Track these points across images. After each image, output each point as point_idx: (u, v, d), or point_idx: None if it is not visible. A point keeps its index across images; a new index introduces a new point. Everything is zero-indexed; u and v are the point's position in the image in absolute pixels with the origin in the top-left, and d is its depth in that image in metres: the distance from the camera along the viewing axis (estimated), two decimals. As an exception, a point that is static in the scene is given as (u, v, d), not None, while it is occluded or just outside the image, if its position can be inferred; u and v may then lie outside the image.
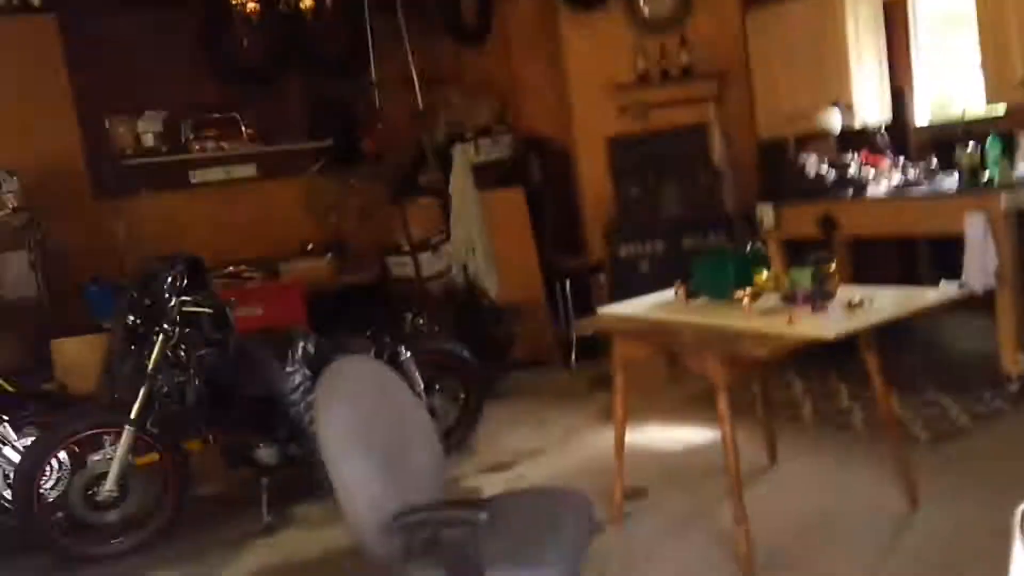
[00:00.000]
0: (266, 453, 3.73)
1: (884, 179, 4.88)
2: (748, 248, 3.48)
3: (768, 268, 3.42)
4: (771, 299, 3.18)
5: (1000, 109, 4.60)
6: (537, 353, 6.43)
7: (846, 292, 3.14)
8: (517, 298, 6.28)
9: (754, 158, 6.38)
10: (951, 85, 5.06)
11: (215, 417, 3.76)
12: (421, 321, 5.19)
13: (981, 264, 4.17)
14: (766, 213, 5.33)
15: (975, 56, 4.55)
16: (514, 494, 2.89)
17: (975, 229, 4.16)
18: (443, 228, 6.54)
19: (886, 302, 2.92)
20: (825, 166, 5.10)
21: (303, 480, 3.90)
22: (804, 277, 3.15)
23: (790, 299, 3.14)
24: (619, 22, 6.37)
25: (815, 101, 5.32)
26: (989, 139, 4.38)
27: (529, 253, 6.50)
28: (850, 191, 4.88)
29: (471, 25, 7.09)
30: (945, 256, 5.20)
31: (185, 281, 3.75)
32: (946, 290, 2.96)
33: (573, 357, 6.20)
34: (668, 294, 3.71)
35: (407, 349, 4.43)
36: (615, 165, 6.48)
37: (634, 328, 3.40)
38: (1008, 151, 4.42)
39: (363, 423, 2.00)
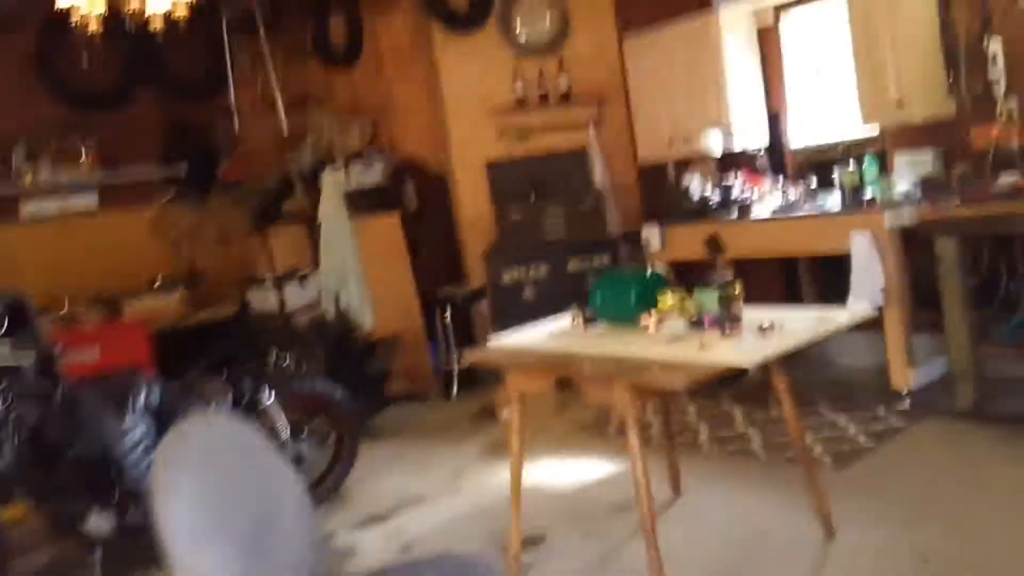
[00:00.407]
0: (99, 521, 3.16)
1: (767, 200, 4.84)
2: (649, 270, 3.26)
3: (671, 291, 3.22)
4: (677, 324, 2.97)
5: (875, 129, 4.64)
6: (416, 386, 6.08)
7: (751, 314, 2.98)
8: (394, 329, 5.91)
9: (635, 180, 6.29)
10: (827, 107, 5.10)
11: (37, 480, 3.17)
12: (286, 360, 4.73)
13: (869, 282, 4.14)
14: (652, 235, 5.20)
15: (850, 78, 4.58)
16: (399, 570, 2.48)
17: (861, 248, 4.14)
18: (312, 257, 6.09)
19: (797, 325, 2.76)
20: (709, 188, 5.03)
21: (144, 551, 3.35)
22: (711, 300, 2.97)
23: (697, 323, 2.94)
24: (496, 44, 6.17)
25: (695, 124, 5.26)
26: (866, 159, 4.41)
27: (406, 281, 6.14)
28: (735, 212, 4.81)
29: (340, 46, 6.73)
30: (825, 274, 5.25)
31: (3, 326, 3.18)
32: (856, 310, 2.83)
33: (454, 389, 5.87)
34: (563, 321, 3.46)
35: (270, 392, 3.98)
36: (495, 189, 6.24)
37: (530, 360, 3.11)
38: (884, 170, 4.46)
39: (216, 504, 1.57)
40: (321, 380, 4.52)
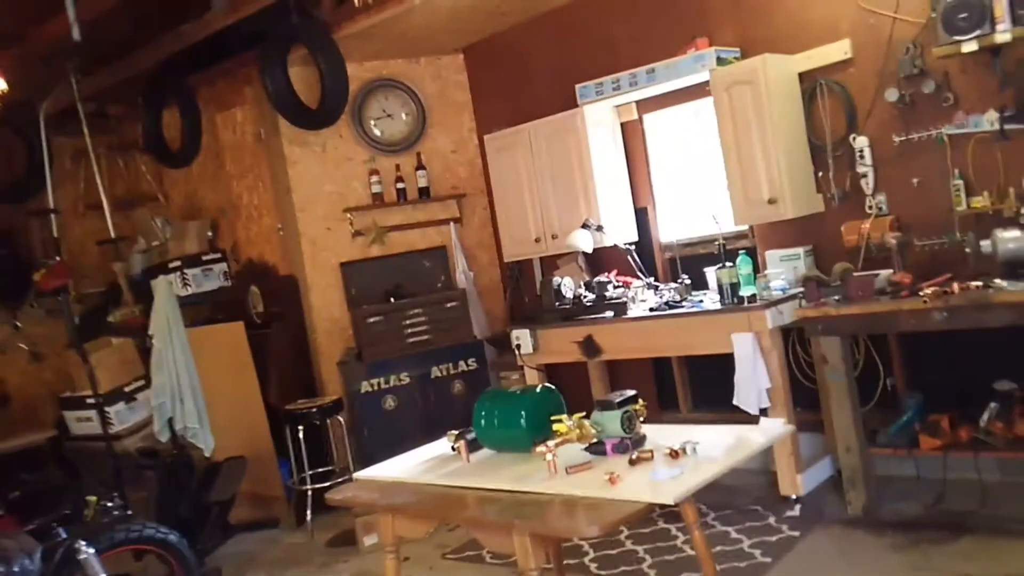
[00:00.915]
0: None
1: (643, 298, 4.65)
2: (539, 388, 2.90)
3: (565, 411, 2.86)
4: (574, 450, 2.61)
5: (744, 224, 4.59)
6: (265, 512, 5.42)
7: (655, 434, 2.67)
8: (238, 450, 5.23)
9: (500, 279, 6.01)
10: (695, 202, 5.05)
11: None
12: (111, 500, 4.01)
13: (754, 384, 3.97)
14: (523, 338, 4.88)
15: (718, 173, 4.53)
16: None
17: (744, 348, 3.98)
18: (142, 374, 5.36)
19: (711, 448, 2.46)
20: (582, 287, 4.80)
21: None
22: (612, 422, 2.63)
23: (598, 450, 2.60)
24: (349, 141, 5.82)
25: (562, 221, 5.07)
26: (740, 257, 4.31)
27: (252, 396, 5.51)
28: (611, 312, 4.58)
29: (176, 141, 6.17)
30: (698, 373, 5.09)
31: None
32: (772, 430, 2.57)
33: (308, 513, 5.23)
34: (440, 447, 3.03)
35: (88, 543, 3.29)
36: (351, 291, 5.78)
37: (408, 500, 2.64)
38: (756, 267, 4.38)
39: None
40: (150, 523, 3.84)
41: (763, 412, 4.01)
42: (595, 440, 2.63)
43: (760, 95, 4.16)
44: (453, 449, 2.91)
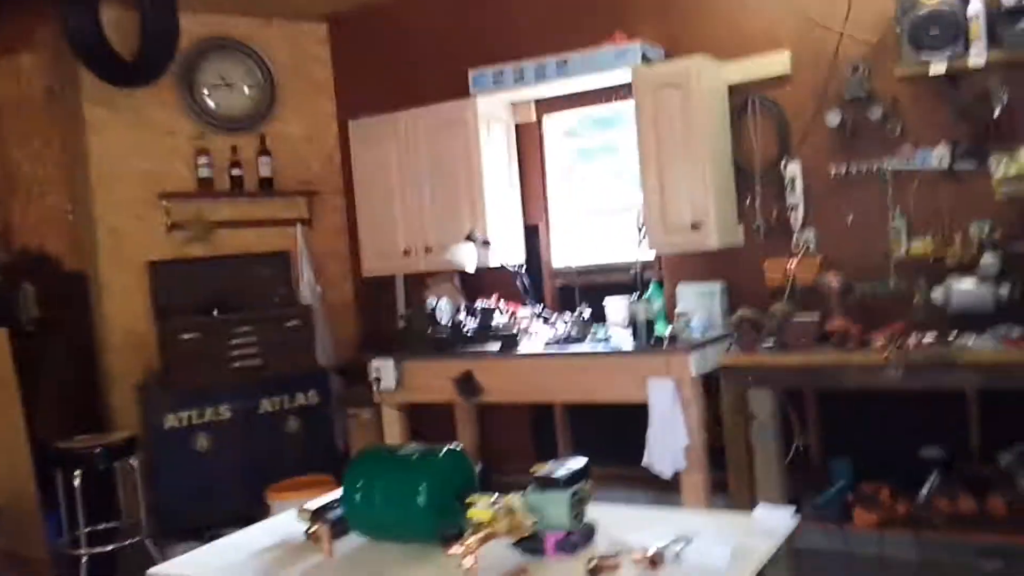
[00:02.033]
0: None
1: (534, 331, 3.92)
2: (443, 451, 2.06)
3: (477, 485, 2.06)
4: (499, 548, 1.81)
5: (650, 255, 3.98)
6: None
7: (610, 522, 1.93)
8: (-10, 501, 3.99)
9: (355, 298, 5.08)
10: (594, 223, 4.40)
11: None
12: None
13: (671, 441, 3.32)
14: (384, 370, 4.00)
15: (631, 194, 3.90)
16: None
17: (662, 398, 3.33)
18: None
19: (704, 554, 1.72)
20: (462, 313, 3.99)
21: None
22: (556, 506, 1.86)
23: (533, 547, 1.82)
24: (173, 109, 4.70)
25: (441, 233, 4.24)
26: (652, 288, 3.69)
27: (13, 428, 4.24)
28: (497, 345, 3.81)
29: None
30: (582, 422, 4.42)
31: None
32: (776, 520, 1.88)
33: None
34: (284, 523, 2.15)
35: None
36: (160, 300, 4.63)
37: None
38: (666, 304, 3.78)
39: None
40: None
41: (675, 476, 3.38)
42: (529, 533, 1.84)
43: (691, 102, 3.57)
44: (307, 535, 2.02)
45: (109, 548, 4.15)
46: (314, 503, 2.14)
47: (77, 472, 4.10)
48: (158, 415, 4.45)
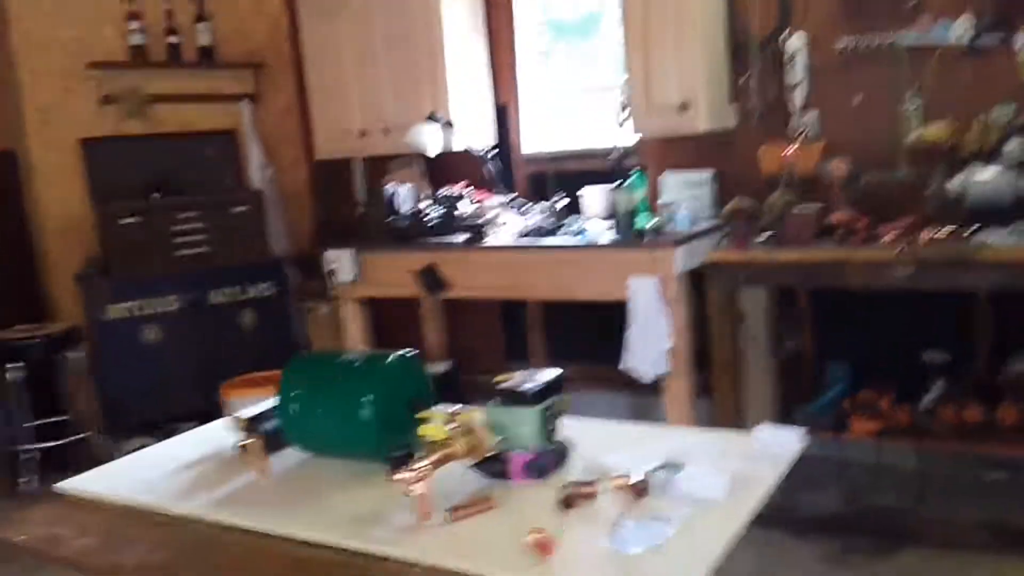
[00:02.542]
0: None
1: (503, 221, 3.58)
2: (392, 356, 1.76)
3: (432, 396, 1.76)
4: (457, 470, 1.54)
5: (631, 140, 3.61)
6: None
7: (581, 437, 1.67)
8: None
9: (309, 182, 4.68)
10: (570, 104, 4.00)
11: None
12: None
13: (652, 343, 3.05)
14: (341, 261, 3.66)
15: (614, 70, 3.50)
16: None
17: (644, 297, 3.04)
18: None
19: (696, 476, 1.45)
20: (425, 201, 3.64)
21: None
22: (525, 425, 1.58)
23: (495, 470, 1.55)
24: (100, -37, 4.17)
25: (400, 112, 3.83)
26: (634, 177, 3.34)
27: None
28: (464, 236, 3.48)
29: None
30: (559, 321, 4.16)
31: None
32: (788, 445, 1.61)
33: (29, 479, 3.82)
34: (218, 433, 1.86)
35: None
36: (96, 182, 4.23)
37: (142, 558, 1.44)
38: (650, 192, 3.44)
39: None
40: None
41: (656, 380, 3.13)
42: (491, 453, 1.56)
43: (685, -38, 3.14)
44: (241, 448, 1.73)
45: (54, 444, 3.90)
46: (250, 410, 1.86)
47: (16, 365, 3.81)
48: (100, 306, 4.12)
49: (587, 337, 3.94)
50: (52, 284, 4.29)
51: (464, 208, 3.59)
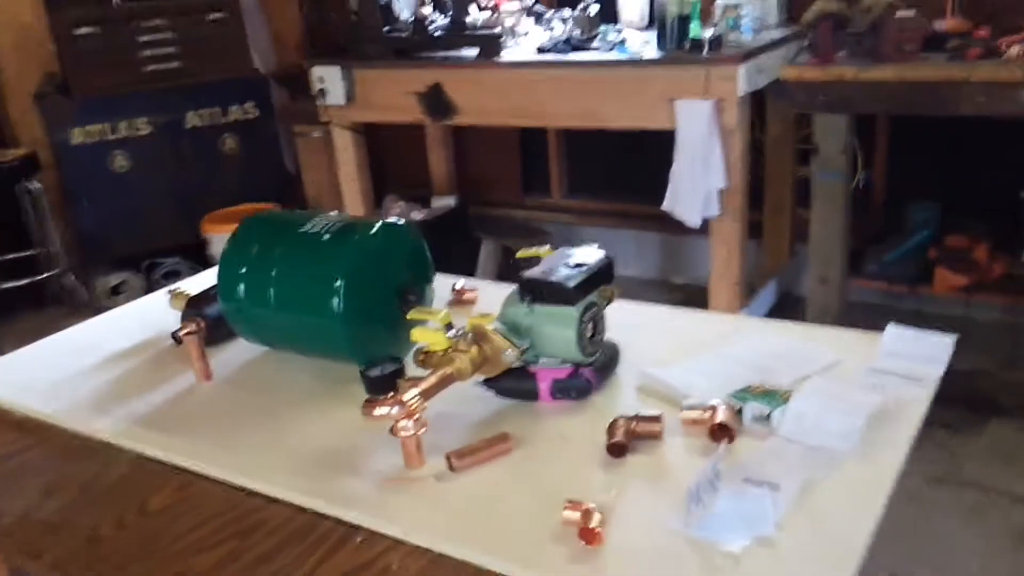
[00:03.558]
0: None
1: (524, 32, 2.97)
2: (393, 224, 1.25)
3: (431, 277, 1.28)
4: (463, 391, 1.08)
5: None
6: None
7: (624, 334, 1.20)
8: None
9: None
10: None
11: None
12: None
13: (702, 181, 2.53)
14: (330, 79, 3.09)
15: None
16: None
17: (696, 126, 2.48)
18: None
19: (821, 425, 0.98)
20: (428, 7, 3.00)
21: None
22: (560, 329, 1.08)
23: (517, 389, 1.08)
24: None
25: None
26: (687, -29, 2.68)
27: None
28: (474, 50, 2.87)
29: None
30: (581, 147, 3.63)
31: None
32: (934, 359, 1.12)
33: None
34: (160, 315, 1.39)
35: None
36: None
37: (26, 508, 1.01)
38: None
39: None
40: None
41: (704, 224, 2.64)
42: (513, 365, 1.07)
43: None
44: (175, 339, 1.25)
45: (23, 282, 3.53)
46: (193, 284, 1.40)
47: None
48: (62, 129, 3.64)
49: (619, 171, 3.43)
50: (9, 104, 3.78)
51: (476, 15, 2.96)
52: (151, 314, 1.41)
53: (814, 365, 1.10)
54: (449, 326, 1.04)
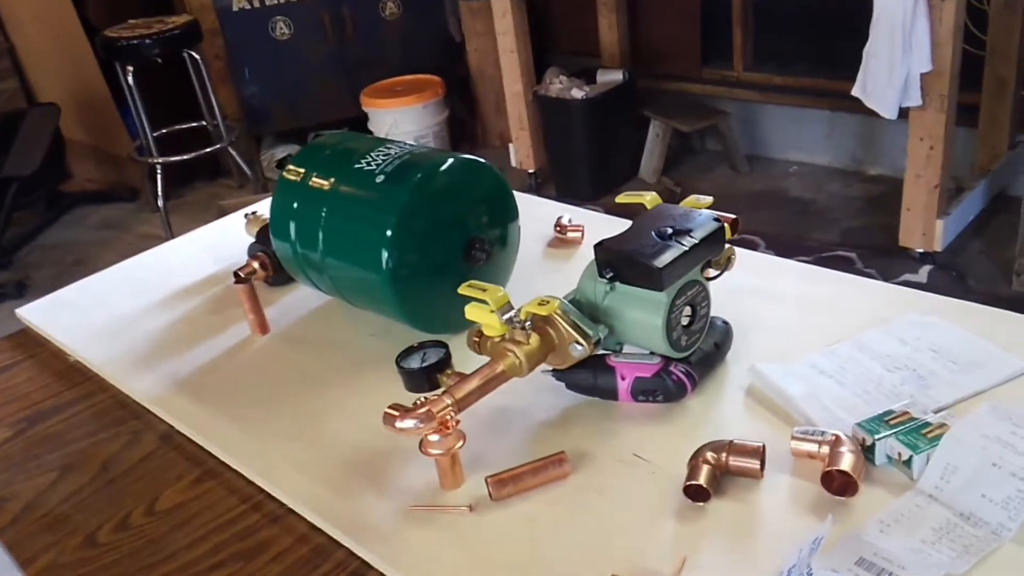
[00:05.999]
0: None
1: None
2: (471, 160, 1.03)
3: (514, 230, 1.08)
4: (525, 388, 0.88)
5: None
6: (116, 178, 4.06)
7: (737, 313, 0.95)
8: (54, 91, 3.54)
9: None
10: None
11: None
12: None
13: (901, 66, 2.09)
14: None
15: None
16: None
17: (900, -7, 2.02)
18: None
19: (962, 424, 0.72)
20: None
21: None
22: (648, 315, 0.85)
23: (597, 385, 0.87)
24: None
25: None
26: None
27: (66, 18, 3.61)
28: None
29: None
30: (769, 21, 3.16)
31: None
32: None
33: (159, 194, 3.66)
34: (238, 240, 1.27)
35: None
36: None
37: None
38: None
39: None
40: None
41: (903, 111, 2.20)
42: (586, 356, 0.83)
43: None
44: (238, 279, 1.08)
45: (190, 156, 3.64)
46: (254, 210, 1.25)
47: (130, 68, 3.45)
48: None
49: (808, 37, 2.96)
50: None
51: None
52: (231, 239, 1.28)
53: (992, 376, 0.83)
54: (507, 307, 0.84)
